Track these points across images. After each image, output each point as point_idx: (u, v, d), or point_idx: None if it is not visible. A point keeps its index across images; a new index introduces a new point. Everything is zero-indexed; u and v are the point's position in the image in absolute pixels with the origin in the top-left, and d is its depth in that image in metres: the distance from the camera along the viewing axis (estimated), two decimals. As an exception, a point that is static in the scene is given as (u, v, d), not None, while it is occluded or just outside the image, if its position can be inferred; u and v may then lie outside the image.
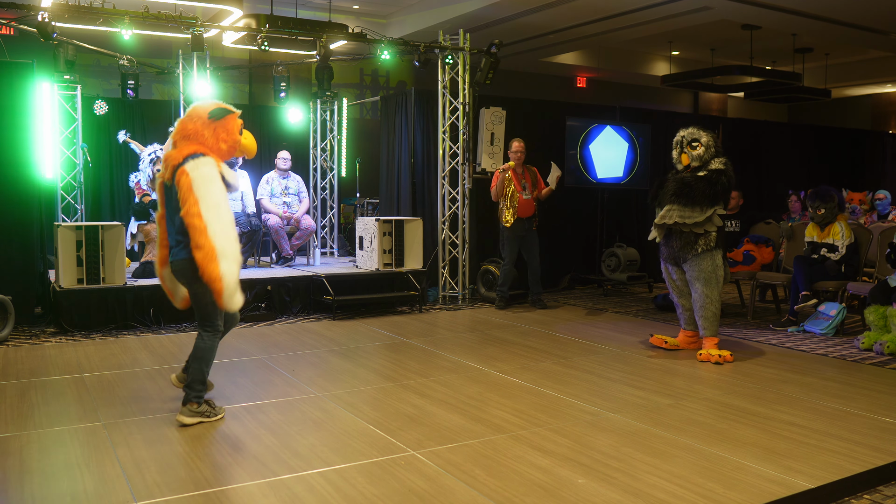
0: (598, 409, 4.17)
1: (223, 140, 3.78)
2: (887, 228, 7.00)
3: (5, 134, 6.45)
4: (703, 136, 5.54)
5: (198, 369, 3.84)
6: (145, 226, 7.17)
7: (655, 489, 3.04)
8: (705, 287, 5.43)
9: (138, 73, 7.92)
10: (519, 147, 7.59)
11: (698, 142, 5.52)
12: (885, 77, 15.55)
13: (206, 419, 3.85)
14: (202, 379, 3.85)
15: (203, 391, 3.88)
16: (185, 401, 3.85)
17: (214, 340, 3.88)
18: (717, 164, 5.47)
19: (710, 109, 17.09)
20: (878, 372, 5.12)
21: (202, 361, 3.85)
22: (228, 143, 3.80)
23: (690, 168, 5.55)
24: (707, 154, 5.50)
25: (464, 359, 5.40)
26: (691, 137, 5.57)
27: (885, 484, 3.24)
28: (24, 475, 3.14)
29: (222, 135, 3.77)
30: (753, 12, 10.27)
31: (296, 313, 7.25)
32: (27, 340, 5.92)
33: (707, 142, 5.52)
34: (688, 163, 5.56)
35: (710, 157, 5.50)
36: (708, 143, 5.51)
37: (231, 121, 3.82)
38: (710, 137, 5.55)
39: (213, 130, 3.75)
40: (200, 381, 3.85)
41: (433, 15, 10.90)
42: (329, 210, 9.68)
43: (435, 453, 3.44)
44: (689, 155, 5.55)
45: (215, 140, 3.76)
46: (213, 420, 3.86)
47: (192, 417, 3.81)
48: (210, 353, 3.87)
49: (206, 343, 3.86)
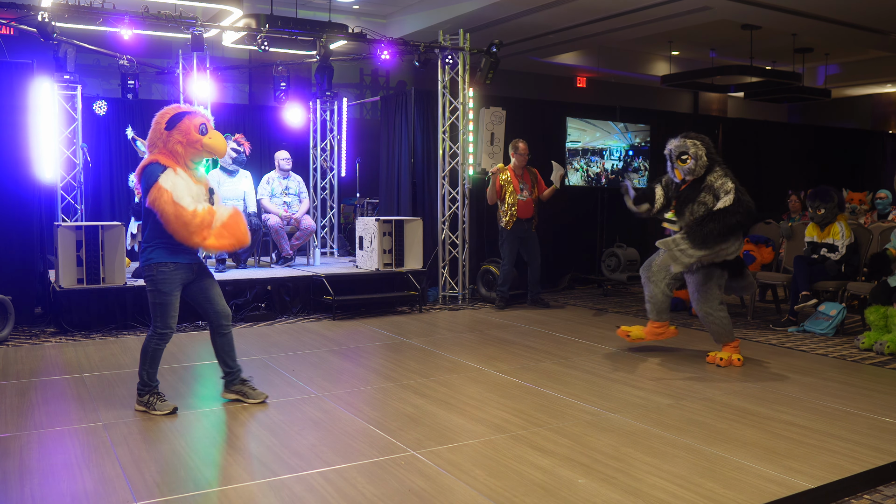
0: (598, 409, 4.17)
1: (178, 142, 3.88)
2: (887, 228, 7.00)
3: (5, 134, 6.46)
4: (690, 146, 5.12)
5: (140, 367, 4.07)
6: (145, 226, 7.16)
7: (655, 489, 3.04)
8: (701, 305, 5.26)
9: (138, 73, 7.91)
10: (525, 149, 7.60)
11: (687, 154, 5.12)
12: (885, 77, 15.54)
13: (148, 410, 4.02)
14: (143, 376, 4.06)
15: (144, 388, 4.06)
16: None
17: (152, 341, 4.03)
18: (719, 180, 5.05)
19: (710, 109, 17.08)
20: (878, 372, 5.12)
21: (141, 359, 4.06)
22: (183, 144, 3.88)
23: (687, 183, 5.22)
24: (700, 166, 5.11)
25: (464, 359, 5.39)
26: (679, 151, 5.17)
27: (885, 484, 3.24)
28: (24, 475, 3.14)
29: (177, 136, 3.88)
30: (753, 12, 10.26)
31: (296, 313, 7.25)
32: (27, 340, 5.92)
33: (696, 153, 5.09)
34: (682, 178, 5.22)
35: (706, 169, 5.12)
36: (698, 155, 5.09)
37: (185, 122, 3.89)
38: (698, 147, 5.11)
39: (168, 136, 3.87)
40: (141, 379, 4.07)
41: (433, 15, 10.90)
42: (329, 210, 9.68)
43: (435, 453, 3.44)
44: (681, 169, 5.19)
45: (172, 143, 3.88)
46: (155, 413, 4.00)
47: (139, 405, 4.07)
48: (145, 354, 4.05)
49: (144, 342, 4.08)
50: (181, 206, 3.74)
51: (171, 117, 3.89)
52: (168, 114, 3.91)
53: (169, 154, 3.87)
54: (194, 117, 3.91)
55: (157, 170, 3.80)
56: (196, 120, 3.90)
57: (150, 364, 4.04)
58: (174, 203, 3.73)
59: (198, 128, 3.90)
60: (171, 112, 3.92)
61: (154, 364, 4.06)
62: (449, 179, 8.29)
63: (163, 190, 3.73)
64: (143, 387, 4.06)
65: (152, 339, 4.02)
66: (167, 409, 4.02)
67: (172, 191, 3.74)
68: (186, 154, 3.90)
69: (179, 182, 3.80)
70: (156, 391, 4.07)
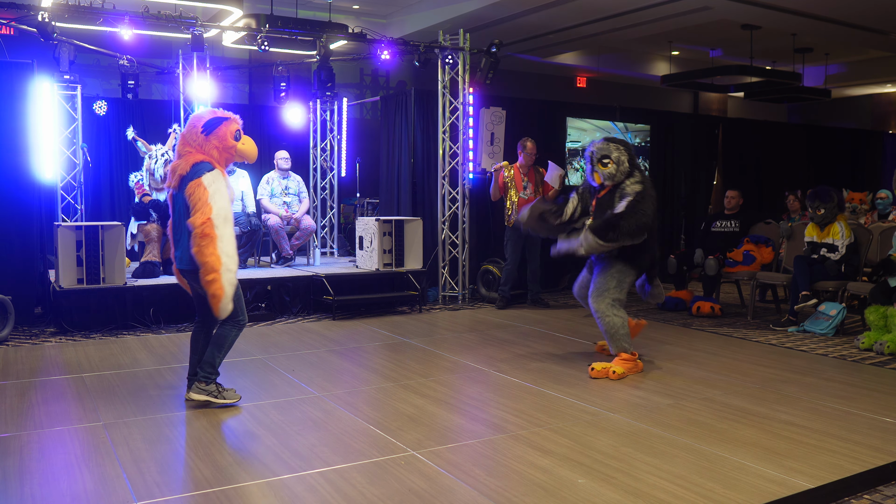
0: (598, 409, 4.17)
1: (215, 147, 3.98)
2: (887, 228, 7.00)
3: (5, 134, 6.46)
4: (613, 151, 4.91)
5: (211, 353, 4.07)
6: (145, 226, 7.16)
7: (655, 489, 3.04)
8: (593, 299, 4.94)
9: (138, 73, 7.92)
10: (532, 148, 7.61)
11: (609, 158, 4.90)
12: (885, 77, 15.54)
13: (214, 399, 4.06)
14: (212, 363, 4.07)
15: (212, 373, 4.09)
16: (197, 380, 4.09)
17: (232, 331, 4.09)
18: (630, 187, 4.86)
19: (710, 109, 17.08)
20: (878, 372, 5.12)
21: (216, 347, 4.08)
22: (220, 149, 3.99)
23: (606, 188, 5.00)
24: (619, 172, 4.89)
25: (464, 359, 5.40)
26: (601, 154, 4.93)
27: (885, 484, 3.24)
28: (24, 475, 3.14)
29: (214, 142, 3.98)
30: (753, 12, 10.26)
31: (296, 313, 7.25)
32: (27, 340, 5.92)
33: (618, 158, 4.88)
34: (601, 182, 5.00)
35: (624, 176, 4.91)
36: (619, 160, 4.88)
37: (223, 128, 4.00)
38: (621, 152, 4.91)
39: (206, 140, 3.97)
40: (210, 364, 4.09)
41: (433, 15, 10.90)
42: (329, 210, 9.68)
43: (435, 453, 3.44)
44: (601, 173, 4.94)
45: (210, 148, 3.98)
46: (220, 402, 4.06)
47: (199, 394, 4.07)
48: (224, 341, 4.08)
49: (224, 331, 4.08)
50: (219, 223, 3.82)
51: (208, 121, 3.99)
52: (205, 118, 4.02)
53: (207, 157, 3.97)
54: (231, 124, 4.03)
55: (203, 168, 3.91)
56: (232, 127, 4.04)
57: (225, 352, 4.11)
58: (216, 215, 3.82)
59: (233, 134, 4.03)
60: (208, 116, 4.02)
61: (226, 353, 4.13)
62: (449, 179, 8.29)
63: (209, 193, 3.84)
64: (211, 373, 4.08)
65: (233, 329, 4.08)
66: (236, 398, 4.12)
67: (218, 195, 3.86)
68: (221, 159, 4.02)
69: (223, 189, 3.91)
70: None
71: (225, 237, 3.82)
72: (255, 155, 4.20)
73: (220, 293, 3.78)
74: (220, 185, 3.90)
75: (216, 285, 3.77)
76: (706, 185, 10.71)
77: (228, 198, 3.94)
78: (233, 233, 3.92)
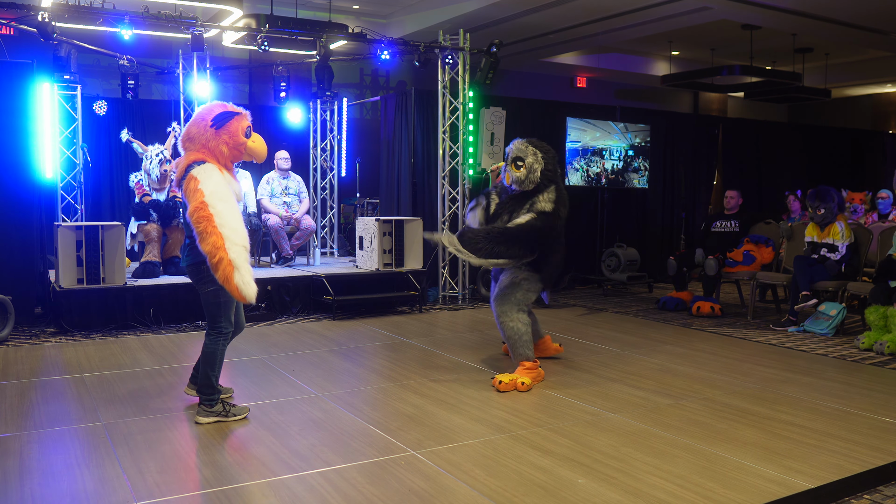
0: (598, 409, 4.17)
1: (224, 143, 3.77)
2: (887, 228, 7.00)
3: (5, 134, 6.46)
4: (529, 154, 4.51)
5: (204, 373, 3.85)
6: (145, 226, 7.16)
7: (655, 489, 3.04)
8: (497, 304, 4.68)
9: (138, 73, 7.91)
10: None
11: (522, 162, 4.50)
12: (885, 77, 15.53)
13: (223, 419, 3.87)
14: (209, 383, 3.85)
15: (213, 395, 3.86)
16: (199, 402, 3.90)
17: (218, 343, 3.86)
18: (541, 202, 4.49)
19: (710, 109, 17.08)
20: (878, 372, 5.12)
21: (208, 365, 3.85)
22: (230, 146, 3.79)
23: (517, 192, 4.64)
24: (528, 181, 4.51)
25: (464, 359, 5.39)
26: (516, 155, 4.54)
27: (885, 484, 3.24)
28: (24, 475, 3.14)
29: (224, 137, 3.77)
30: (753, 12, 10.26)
31: (296, 313, 7.25)
32: (27, 340, 5.92)
33: (531, 164, 4.49)
34: (509, 183, 4.63)
35: (533, 185, 4.53)
36: (532, 167, 4.49)
37: (234, 124, 3.80)
38: (537, 159, 4.50)
39: (214, 134, 3.76)
40: (208, 386, 3.85)
41: (433, 15, 10.89)
42: (329, 210, 9.68)
43: (435, 453, 3.44)
44: (511, 175, 4.56)
45: (217, 143, 3.76)
46: (231, 420, 3.88)
47: (206, 417, 3.86)
48: (213, 357, 3.85)
49: (209, 346, 3.86)
50: (218, 208, 3.56)
51: (218, 116, 3.76)
52: (214, 111, 3.79)
53: (210, 153, 3.76)
54: (242, 119, 3.83)
55: (194, 165, 3.69)
56: (244, 123, 3.84)
57: (219, 367, 3.87)
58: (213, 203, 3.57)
59: (244, 130, 3.84)
60: (218, 109, 3.80)
61: (221, 366, 3.89)
62: (449, 179, 8.29)
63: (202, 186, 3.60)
64: (212, 394, 3.85)
65: (218, 340, 3.85)
66: (245, 412, 3.96)
67: (215, 190, 3.61)
68: (230, 155, 3.82)
69: (222, 182, 3.68)
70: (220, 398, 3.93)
71: (224, 212, 3.52)
72: (265, 154, 3.99)
73: (230, 276, 3.41)
74: (212, 172, 3.65)
75: (223, 265, 3.41)
76: (706, 185, 10.73)
77: (226, 186, 3.66)
78: (236, 210, 3.62)
